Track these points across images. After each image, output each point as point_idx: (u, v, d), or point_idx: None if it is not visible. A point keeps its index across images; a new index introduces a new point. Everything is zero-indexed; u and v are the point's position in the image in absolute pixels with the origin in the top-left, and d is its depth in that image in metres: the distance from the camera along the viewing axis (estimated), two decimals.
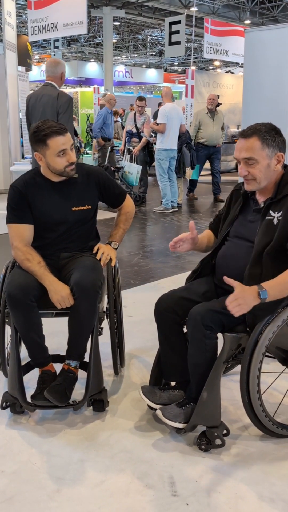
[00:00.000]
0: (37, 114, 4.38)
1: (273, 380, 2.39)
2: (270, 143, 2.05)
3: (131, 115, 8.38)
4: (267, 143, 2.04)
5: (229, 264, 2.20)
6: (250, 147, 2.04)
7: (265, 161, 2.05)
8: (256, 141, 2.04)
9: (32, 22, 10.62)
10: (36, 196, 2.41)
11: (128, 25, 23.20)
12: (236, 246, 2.22)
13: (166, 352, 2.30)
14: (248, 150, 2.05)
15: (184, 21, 12.55)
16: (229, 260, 2.22)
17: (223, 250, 2.28)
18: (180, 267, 4.77)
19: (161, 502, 1.83)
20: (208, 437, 2.10)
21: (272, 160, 2.06)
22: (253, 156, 2.04)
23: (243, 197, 2.25)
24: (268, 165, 2.06)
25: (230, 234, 2.26)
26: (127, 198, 2.70)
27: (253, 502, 1.84)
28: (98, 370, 2.35)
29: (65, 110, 4.25)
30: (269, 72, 5.69)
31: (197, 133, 8.26)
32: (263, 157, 2.05)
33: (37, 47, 24.94)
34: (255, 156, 2.04)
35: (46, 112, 4.31)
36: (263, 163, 2.05)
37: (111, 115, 8.61)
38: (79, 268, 2.32)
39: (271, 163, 2.06)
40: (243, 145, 2.06)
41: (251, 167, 2.06)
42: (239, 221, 2.24)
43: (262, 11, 18.64)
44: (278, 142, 2.07)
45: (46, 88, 4.40)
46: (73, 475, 1.97)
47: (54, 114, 4.27)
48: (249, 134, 2.06)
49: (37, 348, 2.32)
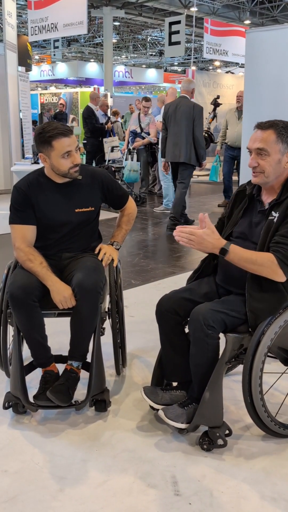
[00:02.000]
0: (174, 120, 6.04)
1: (275, 380, 2.39)
2: (285, 139, 2.07)
3: (135, 115, 8.38)
4: (282, 138, 2.06)
5: (232, 265, 2.20)
6: (264, 139, 2.07)
7: (277, 156, 2.07)
8: (272, 134, 2.07)
9: (32, 22, 10.62)
10: (40, 197, 2.41)
11: (128, 25, 23.19)
12: (239, 246, 2.22)
13: (167, 352, 2.31)
14: (262, 141, 2.07)
15: (184, 21, 12.56)
16: None
17: None
18: (181, 267, 4.78)
19: (164, 501, 1.84)
20: (210, 437, 2.11)
21: (284, 157, 2.08)
22: (266, 147, 2.06)
23: (249, 198, 2.26)
24: (279, 161, 2.08)
25: (233, 235, 2.26)
26: (130, 200, 2.71)
27: (255, 501, 1.85)
28: (100, 370, 2.35)
29: (199, 117, 6.00)
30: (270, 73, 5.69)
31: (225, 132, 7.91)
32: (275, 151, 2.07)
33: (37, 47, 24.93)
34: (268, 148, 2.06)
35: (183, 118, 5.96)
36: (274, 157, 2.07)
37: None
38: (81, 269, 2.33)
39: (282, 159, 2.08)
40: (258, 136, 2.09)
41: (262, 158, 2.08)
42: (243, 222, 2.24)
43: (262, 11, 18.64)
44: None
45: (183, 99, 6.15)
46: (76, 474, 1.97)
47: (190, 121, 5.94)
48: (266, 126, 2.09)
49: (39, 348, 2.33)
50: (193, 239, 2.01)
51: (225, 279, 2.24)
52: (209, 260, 2.37)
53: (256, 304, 2.06)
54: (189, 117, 5.94)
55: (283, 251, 2.00)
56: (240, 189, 2.34)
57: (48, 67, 25.22)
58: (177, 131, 6.04)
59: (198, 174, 11.29)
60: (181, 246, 5.55)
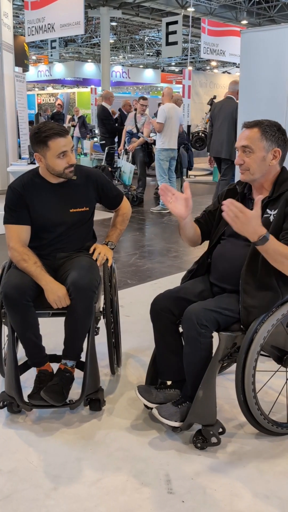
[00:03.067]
0: (219, 119, 6.62)
1: (268, 378, 2.41)
2: (269, 137, 2.10)
3: (131, 115, 8.37)
4: (266, 136, 2.10)
5: (226, 263, 2.22)
6: (249, 137, 2.11)
7: (261, 153, 2.10)
8: (257, 132, 2.11)
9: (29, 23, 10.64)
10: (34, 197, 2.42)
11: (125, 25, 23.20)
12: (232, 245, 2.23)
13: (162, 351, 2.32)
14: (247, 139, 2.11)
15: (181, 21, 12.59)
16: (225, 259, 2.23)
17: (219, 249, 2.30)
18: (177, 266, 4.79)
19: (157, 499, 1.85)
20: (204, 435, 2.12)
21: (268, 154, 2.11)
22: (250, 145, 2.10)
23: (240, 197, 2.27)
24: (264, 158, 2.10)
25: (226, 234, 2.28)
26: (124, 200, 2.72)
27: (248, 499, 1.86)
28: (94, 370, 2.36)
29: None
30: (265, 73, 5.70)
31: None
32: (259, 148, 2.10)
33: (34, 48, 24.94)
34: (252, 145, 2.10)
35: (226, 117, 6.50)
36: (258, 154, 2.10)
37: None
38: (76, 268, 2.34)
39: (267, 157, 2.11)
40: (244, 134, 2.14)
41: (247, 156, 2.12)
42: None
43: (259, 11, 18.68)
44: (277, 138, 2.11)
45: (228, 100, 6.71)
46: (70, 473, 1.98)
47: (232, 120, 6.32)
48: (252, 125, 2.14)
49: (34, 348, 2.34)
50: (240, 217, 1.91)
51: (219, 277, 2.25)
52: (203, 260, 2.38)
53: (249, 301, 2.06)
54: (231, 116, 6.42)
55: None
56: (230, 187, 2.36)
57: (45, 68, 25.22)
58: (220, 129, 6.63)
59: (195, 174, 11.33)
60: (177, 246, 5.57)
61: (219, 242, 2.31)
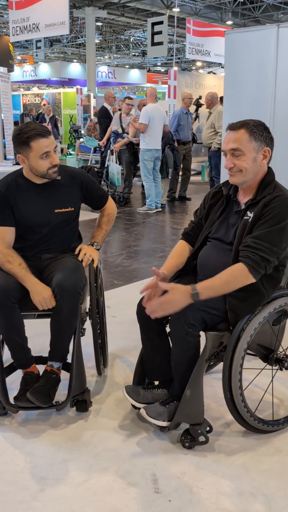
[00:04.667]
0: None
1: (254, 376, 2.42)
2: (258, 137, 2.09)
3: (116, 115, 8.35)
4: (254, 136, 2.08)
5: (210, 266, 2.22)
6: (238, 139, 2.09)
7: (252, 154, 2.09)
8: (245, 133, 2.09)
9: (13, 23, 10.57)
10: (19, 198, 2.41)
11: (111, 25, 23.16)
12: (216, 248, 2.24)
13: (148, 351, 2.32)
14: (235, 141, 2.09)
15: (166, 21, 12.61)
16: (209, 262, 2.24)
17: (204, 251, 2.30)
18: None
19: (144, 499, 1.85)
20: (191, 434, 2.12)
21: (259, 155, 2.10)
22: (239, 147, 2.08)
23: (226, 199, 2.27)
24: (255, 159, 2.10)
25: (210, 236, 2.28)
26: (109, 200, 2.72)
27: (234, 497, 1.87)
28: (80, 371, 2.36)
29: None
30: (250, 74, 5.74)
31: None
32: (249, 149, 2.08)
33: (19, 48, 24.76)
34: (241, 147, 2.08)
35: None
36: (249, 155, 2.09)
37: (187, 115, 8.30)
38: (61, 270, 2.33)
39: (258, 157, 2.10)
40: (231, 137, 2.10)
41: (238, 159, 2.10)
42: (220, 223, 2.26)
43: (244, 12, 18.76)
44: (265, 137, 2.11)
45: None
46: (57, 474, 1.98)
47: None
48: (238, 126, 2.11)
49: (19, 350, 2.32)
50: (164, 305, 2.03)
51: (207, 277, 2.24)
52: (189, 261, 2.38)
53: (236, 303, 2.07)
54: None
55: (252, 256, 2.01)
56: (216, 189, 2.35)
57: (30, 68, 25.07)
58: None
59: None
60: (164, 246, 5.58)
61: (206, 243, 2.31)
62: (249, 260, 2.01)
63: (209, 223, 2.31)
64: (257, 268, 2.01)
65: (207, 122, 8.07)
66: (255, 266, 2.01)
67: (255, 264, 2.01)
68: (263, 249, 2.01)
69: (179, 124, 8.18)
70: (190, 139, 8.50)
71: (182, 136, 8.25)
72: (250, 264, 2.01)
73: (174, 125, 8.16)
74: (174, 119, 8.24)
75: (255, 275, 2.02)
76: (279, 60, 5.45)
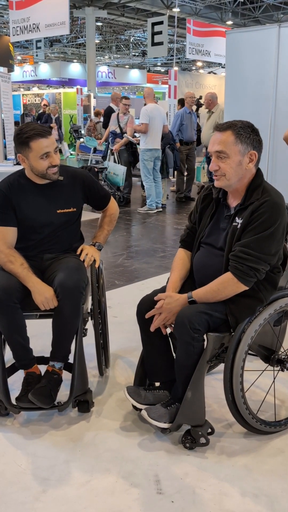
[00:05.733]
0: None
1: (255, 378, 2.42)
2: (244, 140, 2.03)
3: (114, 115, 8.34)
4: (240, 138, 2.02)
5: (203, 271, 2.21)
6: (223, 141, 2.02)
7: (237, 157, 2.03)
8: (231, 135, 2.02)
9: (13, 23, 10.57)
10: (21, 199, 2.40)
11: (111, 25, 23.15)
12: (208, 253, 2.22)
13: (149, 353, 2.31)
14: (220, 143, 2.03)
15: (166, 22, 12.61)
16: (203, 267, 2.23)
17: (198, 256, 2.28)
18: (164, 267, 4.79)
19: (147, 500, 1.85)
20: (193, 436, 2.12)
21: (245, 158, 2.04)
22: (224, 150, 2.02)
23: (216, 202, 2.24)
24: (240, 162, 2.04)
25: (203, 241, 2.26)
26: (112, 200, 2.71)
27: (237, 498, 1.87)
28: (82, 371, 2.35)
29: None
30: (251, 73, 5.75)
31: None
32: (235, 152, 2.02)
33: (19, 48, 24.77)
34: (226, 150, 2.02)
35: None
36: (234, 158, 2.03)
37: (191, 115, 8.26)
38: (63, 269, 2.33)
39: (243, 160, 2.04)
40: (217, 138, 2.05)
41: (223, 161, 2.04)
42: (211, 227, 2.23)
43: (244, 12, 18.76)
44: (252, 140, 2.04)
45: None
46: (59, 475, 1.97)
47: None
48: (224, 127, 2.05)
49: (21, 350, 2.32)
50: (165, 316, 2.13)
51: (203, 283, 2.22)
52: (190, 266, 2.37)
53: (234, 307, 2.07)
54: None
55: (240, 266, 2.02)
56: (206, 192, 2.29)
57: (30, 68, 25.07)
58: None
59: None
60: (164, 246, 5.57)
61: (199, 248, 2.30)
62: (237, 271, 2.02)
63: (201, 227, 2.28)
64: (246, 278, 2.03)
65: (208, 122, 8.05)
66: (244, 276, 2.02)
67: (244, 275, 2.02)
68: (251, 258, 2.01)
69: (181, 124, 8.15)
70: (194, 139, 8.48)
71: (184, 136, 8.22)
72: (238, 275, 2.02)
73: (176, 124, 8.14)
74: (177, 118, 8.22)
75: (246, 284, 2.04)
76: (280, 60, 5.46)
